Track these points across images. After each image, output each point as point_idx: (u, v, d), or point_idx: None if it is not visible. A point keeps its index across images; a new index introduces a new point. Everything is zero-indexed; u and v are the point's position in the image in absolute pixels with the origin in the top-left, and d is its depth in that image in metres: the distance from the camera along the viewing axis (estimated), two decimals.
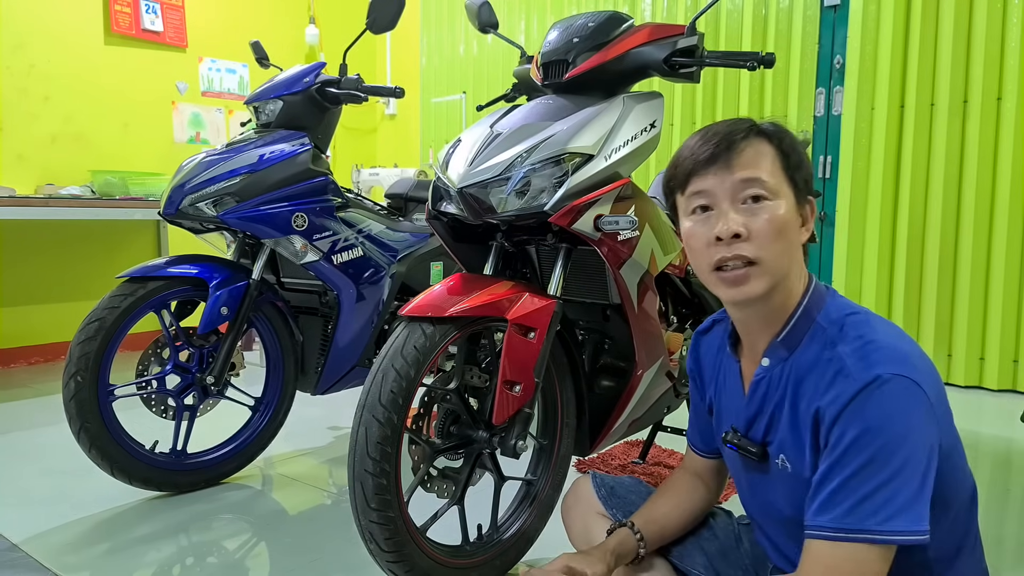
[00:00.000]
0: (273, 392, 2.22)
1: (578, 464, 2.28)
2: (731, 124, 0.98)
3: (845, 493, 0.84)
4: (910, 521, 0.83)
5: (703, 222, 0.96)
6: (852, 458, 0.85)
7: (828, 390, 0.89)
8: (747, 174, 0.94)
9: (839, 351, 0.91)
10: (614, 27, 1.58)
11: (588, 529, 1.24)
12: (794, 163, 0.96)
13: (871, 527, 0.83)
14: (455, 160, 1.52)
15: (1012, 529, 1.89)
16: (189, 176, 2.04)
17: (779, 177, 0.95)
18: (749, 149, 0.95)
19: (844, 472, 0.85)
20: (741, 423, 1.05)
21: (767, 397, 1.00)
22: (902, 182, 3.37)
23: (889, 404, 0.85)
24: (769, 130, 0.98)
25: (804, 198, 0.98)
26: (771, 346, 0.99)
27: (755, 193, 0.93)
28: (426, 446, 1.42)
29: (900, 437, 0.84)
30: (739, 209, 0.94)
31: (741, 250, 0.93)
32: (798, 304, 0.98)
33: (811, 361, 0.94)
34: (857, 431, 0.85)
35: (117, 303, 1.90)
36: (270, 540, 1.81)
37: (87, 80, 3.94)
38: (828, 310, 0.97)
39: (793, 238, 0.95)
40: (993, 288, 3.21)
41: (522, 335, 1.40)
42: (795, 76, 3.59)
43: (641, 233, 1.56)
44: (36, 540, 1.79)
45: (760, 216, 0.93)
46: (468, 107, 4.94)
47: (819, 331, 0.95)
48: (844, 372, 0.88)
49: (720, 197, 0.95)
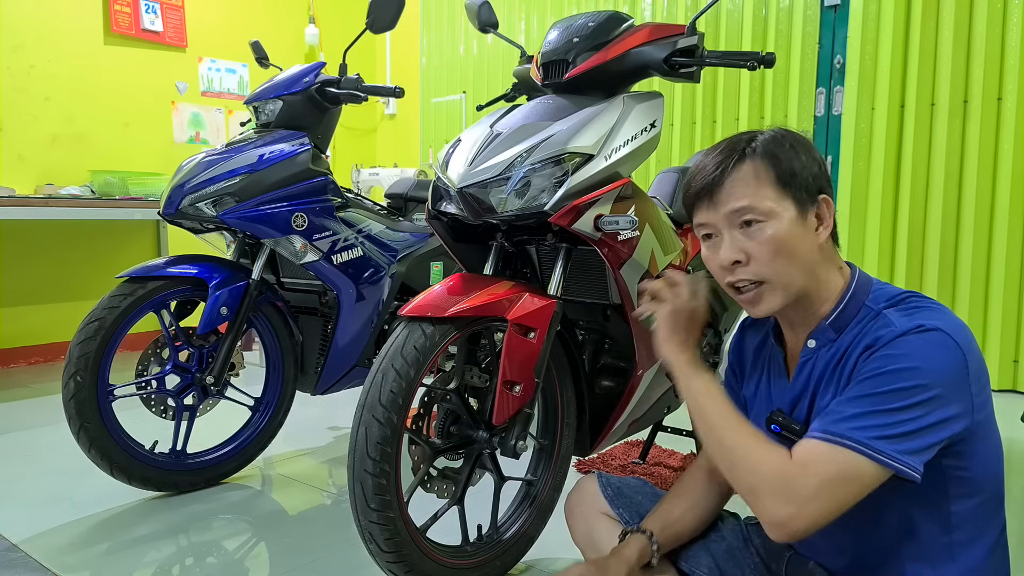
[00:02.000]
0: (273, 392, 2.21)
1: (578, 464, 2.28)
2: (724, 151, 1.02)
3: (850, 407, 0.88)
4: (908, 453, 0.86)
5: (712, 248, 1.03)
6: (874, 384, 0.88)
7: (869, 336, 0.94)
8: (733, 205, 0.98)
9: (887, 313, 0.95)
10: (614, 27, 1.58)
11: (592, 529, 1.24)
12: (787, 175, 0.98)
13: (859, 437, 0.86)
14: (455, 160, 1.52)
15: (1012, 529, 1.89)
16: (189, 176, 2.04)
17: (773, 195, 0.98)
18: (733, 179, 0.99)
19: (866, 391, 0.88)
20: (786, 404, 1.07)
21: (811, 377, 1.03)
22: (902, 182, 3.36)
23: (925, 347, 0.88)
24: (759, 148, 1.00)
25: (810, 202, 0.99)
26: (819, 328, 1.02)
27: (747, 219, 0.98)
28: (426, 446, 1.42)
29: (927, 377, 0.87)
30: (736, 236, 0.99)
31: (744, 274, 0.99)
32: (844, 291, 1.01)
33: (860, 336, 0.97)
34: (889, 360, 0.88)
35: (117, 303, 1.90)
36: (270, 540, 1.81)
37: (87, 80, 3.94)
38: (877, 296, 1.00)
39: (802, 248, 0.98)
40: (993, 288, 3.21)
41: (522, 335, 1.40)
42: (795, 76, 3.59)
43: (641, 233, 1.55)
44: (36, 540, 1.79)
45: (755, 239, 0.98)
46: (468, 107, 4.94)
47: (869, 313, 0.98)
48: (888, 323, 0.93)
49: (719, 226, 1.01)
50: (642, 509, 1.20)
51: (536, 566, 1.67)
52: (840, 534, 1.01)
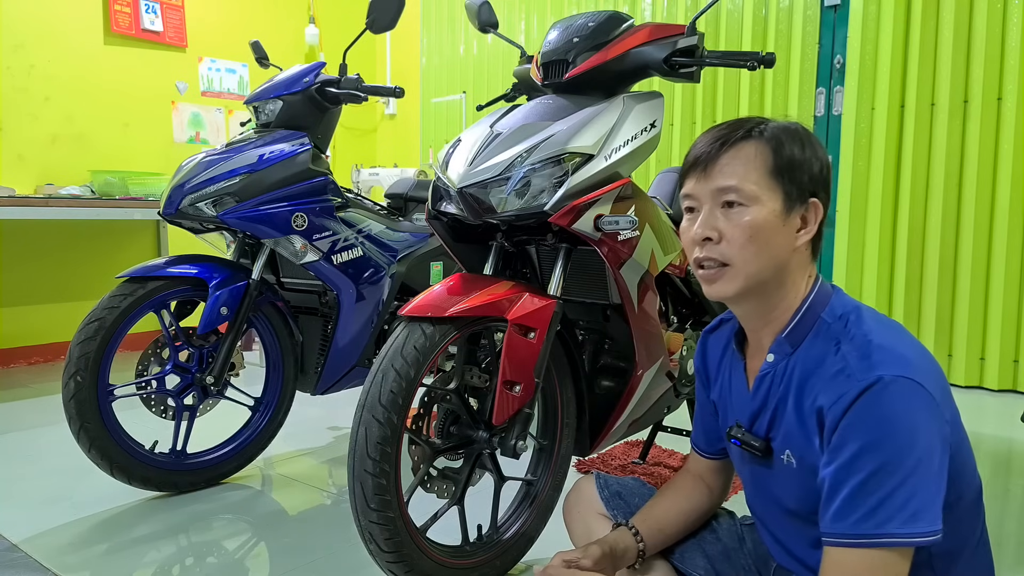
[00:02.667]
0: (273, 392, 2.21)
1: (578, 464, 2.28)
2: (732, 126, 1.00)
3: (861, 498, 0.84)
4: (929, 521, 0.83)
5: (690, 222, 1.01)
6: (863, 463, 0.84)
7: (829, 389, 0.90)
8: (721, 183, 0.96)
9: (842, 349, 0.92)
10: (614, 27, 1.58)
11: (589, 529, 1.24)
12: (783, 165, 0.96)
13: (891, 530, 0.83)
14: (455, 160, 1.52)
15: (1012, 529, 1.89)
16: (189, 176, 2.04)
17: (762, 182, 0.95)
18: (731, 155, 0.97)
19: (857, 477, 0.85)
20: (745, 418, 1.05)
21: (771, 392, 1.01)
22: (902, 182, 3.37)
23: (893, 406, 0.84)
24: (767, 132, 0.97)
25: (798, 201, 0.97)
26: (776, 342, 1.00)
27: (729, 199, 0.96)
28: (426, 446, 1.42)
29: (908, 438, 0.83)
30: (715, 214, 0.97)
31: (712, 252, 0.97)
32: (803, 301, 0.99)
33: (816, 358, 0.95)
34: (864, 436, 0.85)
35: (117, 303, 1.90)
36: (270, 540, 1.81)
37: (87, 80, 3.94)
38: (833, 307, 0.98)
39: (775, 241, 0.96)
40: (993, 288, 3.21)
41: (522, 335, 1.40)
42: (795, 76, 3.59)
43: (641, 233, 1.56)
44: (36, 540, 1.79)
45: (733, 221, 0.96)
46: (468, 107, 4.94)
47: (824, 327, 0.96)
48: (846, 372, 0.89)
49: (702, 200, 0.99)
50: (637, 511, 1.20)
51: (536, 566, 1.67)
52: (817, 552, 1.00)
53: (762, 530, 1.12)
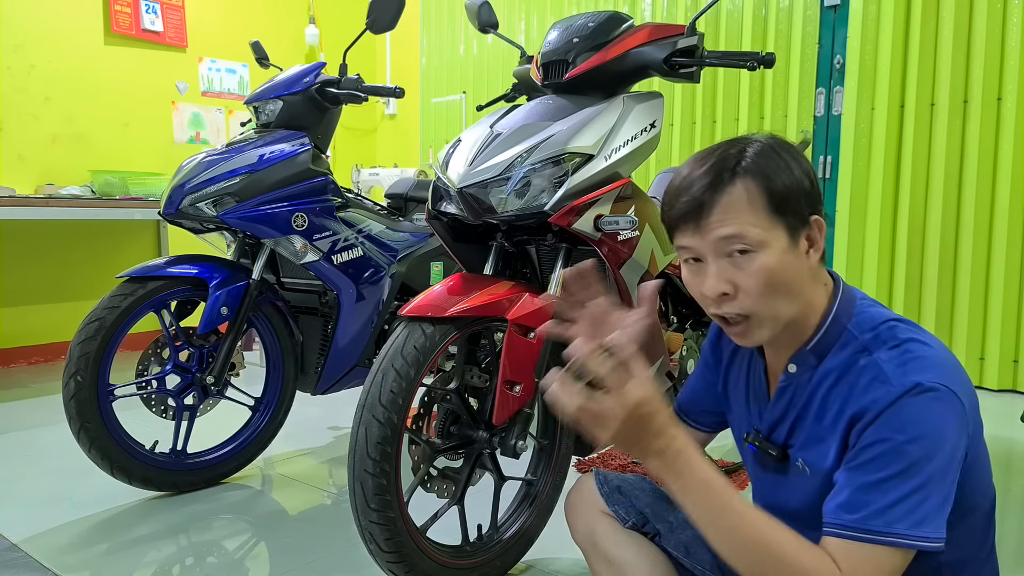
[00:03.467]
0: (273, 392, 2.22)
1: (578, 464, 2.28)
2: (711, 170, 0.92)
3: (877, 494, 0.84)
4: (935, 528, 0.83)
5: (695, 273, 0.95)
6: (888, 462, 0.84)
7: (864, 395, 0.88)
8: (723, 232, 0.89)
9: (876, 357, 0.89)
10: (614, 27, 1.58)
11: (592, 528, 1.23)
12: (780, 199, 0.90)
13: (899, 531, 0.82)
14: (455, 160, 1.52)
15: (1012, 529, 1.89)
16: (189, 176, 2.04)
17: (764, 221, 0.89)
18: (723, 203, 0.90)
19: (877, 474, 0.84)
20: (764, 426, 1.04)
21: (792, 403, 0.99)
22: (902, 182, 3.37)
23: (929, 411, 0.84)
24: (751, 165, 0.90)
25: (801, 227, 0.92)
26: (799, 353, 0.97)
27: (738, 248, 0.89)
28: (426, 446, 1.42)
29: (936, 445, 0.83)
30: (723, 265, 0.91)
31: (731, 308, 0.92)
32: (826, 313, 0.96)
33: (842, 367, 0.93)
34: (894, 436, 0.84)
35: (117, 303, 1.90)
36: (270, 540, 1.81)
37: (87, 80, 3.94)
38: (861, 320, 0.94)
39: (791, 277, 0.91)
40: (993, 288, 3.21)
41: (522, 335, 1.40)
42: (795, 76, 3.59)
43: (641, 233, 1.56)
44: (36, 540, 1.79)
45: (746, 270, 0.90)
46: (468, 107, 4.94)
47: (851, 339, 0.93)
48: (882, 378, 0.87)
49: (704, 252, 0.92)
50: (640, 506, 1.19)
51: (536, 566, 1.67)
52: None
53: None
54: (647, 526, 1.17)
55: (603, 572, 1.15)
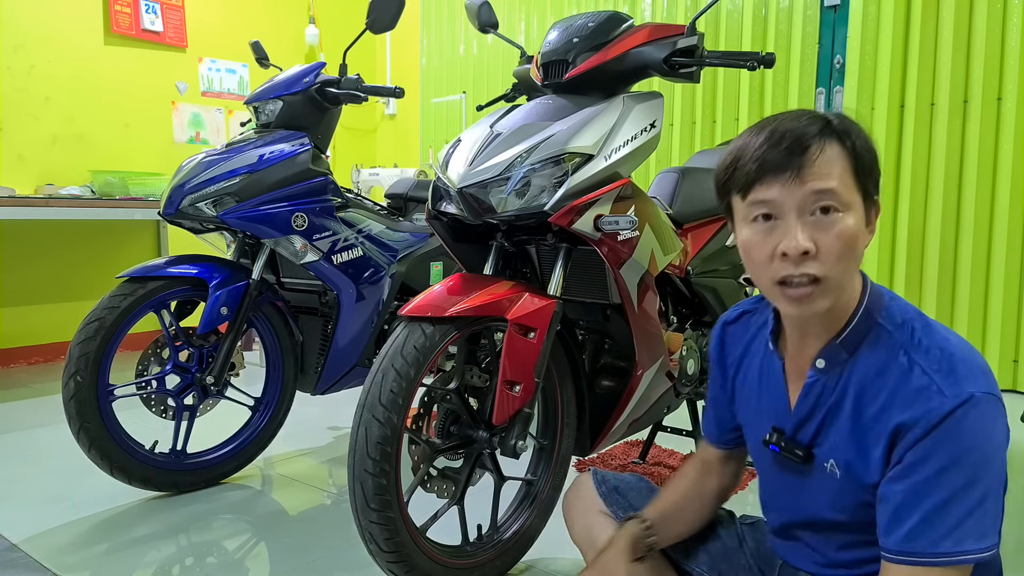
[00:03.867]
0: (273, 392, 2.21)
1: (578, 464, 2.28)
2: (799, 120, 0.88)
3: (942, 516, 0.82)
4: (994, 536, 0.83)
5: (766, 232, 0.88)
6: (948, 480, 0.82)
7: (913, 404, 0.85)
8: (821, 185, 0.85)
9: (919, 363, 0.87)
10: (614, 27, 1.58)
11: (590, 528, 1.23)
12: (866, 167, 0.88)
13: (968, 548, 0.82)
14: (455, 160, 1.52)
15: (1012, 529, 1.89)
16: (189, 176, 2.04)
17: (850, 185, 0.87)
18: (822, 154, 0.86)
19: (939, 495, 0.82)
20: (788, 425, 1.00)
21: (820, 400, 0.96)
22: (902, 182, 3.37)
23: (983, 424, 0.82)
24: (841, 129, 0.88)
25: (871, 202, 0.90)
26: (828, 347, 0.94)
27: (826, 204, 0.85)
28: (426, 446, 1.42)
29: (992, 456, 0.82)
30: (807, 222, 0.86)
31: (808, 268, 0.86)
32: (858, 304, 0.92)
33: (879, 367, 0.89)
34: (951, 452, 0.82)
35: (117, 303, 1.90)
36: (270, 540, 1.81)
37: (87, 80, 3.94)
38: (891, 312, 0.92)
39: (859, 249, 0.88)
40: (993, 288, 3.21)
41: (522, 335, 1.40)
42: (795, 76, 3.59)
43: (641, 233, 1.56)
44: (36, 540, 1.79)
45: (830, 231, 0.85)
46: (468, 107, 4.94)
47: (883, 334, 0.91)
48: (932, 388, 0.84)
49: (787, 208, 0.86)
50: (637, 506, 1.18)
51: (536, 566, 1.67)
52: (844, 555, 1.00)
53: (779, 534, 1.10)
54: None
55: None
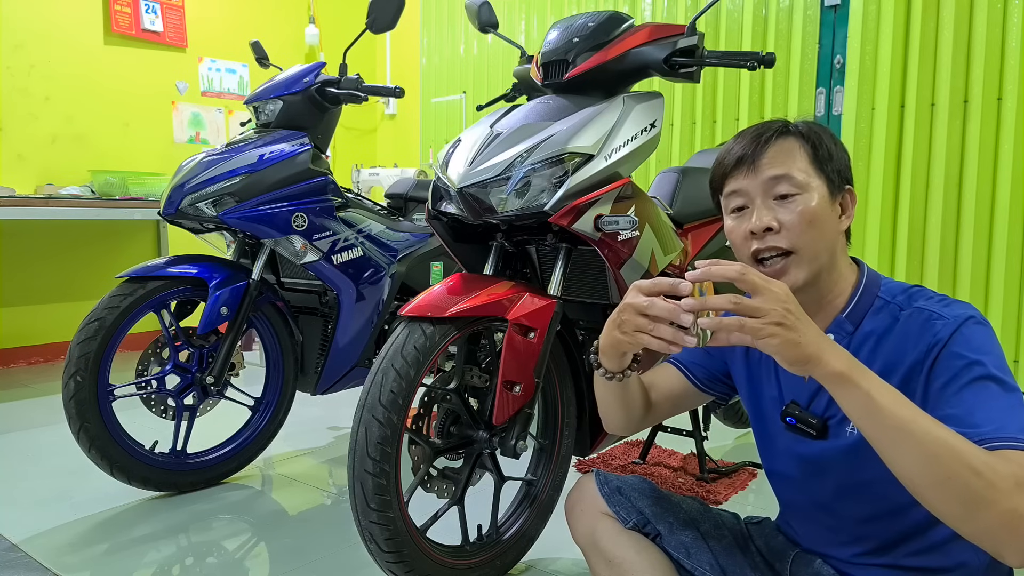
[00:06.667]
0: (273, 392, 2.21)
1: (578, 464, 2.28)
2: (762, 126, 1.06)
3: (1014, 405, 0.85)
4: None
5: (740, 219, 1.04)
6: (984, 375, 0.87)
7: (921, 336, 0.94)
8: (775, 171, 1.01)
9: (918, 306, 0.97)
10: (614, 27, 1.58)
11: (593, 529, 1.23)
12: (824, 155, 1.02)
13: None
14: (455, 160, 1.52)
15: None
16: (189, 176, 2.04)
17: (809, 171, 1.01)
18: (776, 147, 1.02)
19: (993, 387, 0.86)
20: (803, 397, 1.07)
21: None
22: (902, 182, 3.36)
23: (987, 337, 0.91)
24: (797, 128, 1.05)
25: (838, 188, 1.04)
26: (835, 322, 1.03)
27: (785, 191, 1.00)
28: (426, 446, 1.42)
29: (1006, 367, 0.89)
30: (770, 205, 1.01)
31: (774, 241, 1.00)
32: (858, 283, 1.04)
33: (882, 329, 0.99)
34: (972, 355, 0.89)
35: (117, 303, 1.90)
36: (270, 540, 1.81)
37: (87, 80, 3.94)
38: (890, 288, 1.03)
39: (829, 227, 1.01)
40: (993, 288, 3.20)
41: (522, 335, 1.40)
42: (795, 76, 3.59)
43: (641, 233, 1.55)
44: (36, 540, 1.79)
45: (792, 210, 1.00)
46: (468, 107, 4.94)
47: (883, 304, 1.01)
48: (935, 317, 0.94)
49: (753, 195, 1.02)
50: (640, 508, 1.19)
51: (536, 566, 1.67)
52: (857, 526, 1.02)
53: (793, 516, 1.13)
54: (648, 527, 1.16)
55: (603, 572, 1.15)
